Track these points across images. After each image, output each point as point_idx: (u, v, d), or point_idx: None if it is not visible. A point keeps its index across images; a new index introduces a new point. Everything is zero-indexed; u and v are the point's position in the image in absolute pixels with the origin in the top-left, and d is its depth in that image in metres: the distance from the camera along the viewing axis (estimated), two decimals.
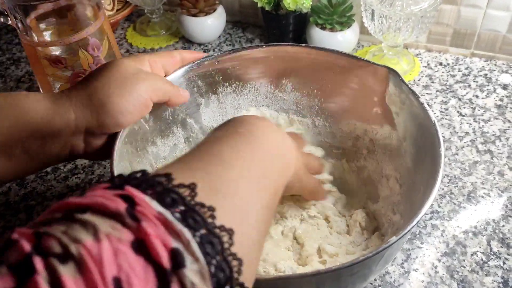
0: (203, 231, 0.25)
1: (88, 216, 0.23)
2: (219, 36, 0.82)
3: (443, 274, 0.50)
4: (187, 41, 0.82)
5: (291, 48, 0.53)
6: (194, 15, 0.78)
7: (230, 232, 0.26)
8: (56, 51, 0.61)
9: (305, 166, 0.46)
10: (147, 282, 0.22)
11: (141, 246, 0.23)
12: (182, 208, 0.25)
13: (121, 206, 0.24)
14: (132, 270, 0.22)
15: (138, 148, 0.49)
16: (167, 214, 0.24)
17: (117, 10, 0.83)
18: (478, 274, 0.50)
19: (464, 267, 0.50)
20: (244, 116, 0.40)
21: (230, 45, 0.81)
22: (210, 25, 0.79)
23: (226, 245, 0.26)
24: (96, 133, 0.42)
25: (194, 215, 0.25)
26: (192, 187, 0.27)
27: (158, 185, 0.26)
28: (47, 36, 0.63)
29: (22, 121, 0.40)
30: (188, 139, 0.56)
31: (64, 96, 0.42)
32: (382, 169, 0.52)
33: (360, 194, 0.54)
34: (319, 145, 0.57)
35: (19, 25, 0.60)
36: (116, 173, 0.41)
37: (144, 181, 0.26)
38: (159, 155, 0.52)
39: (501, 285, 0.49)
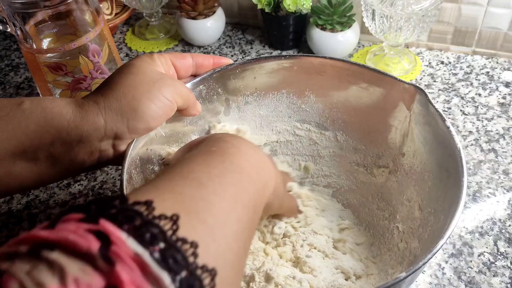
0: (184, 274, 0.23)
1: (56, 255, 0.21)
2: (219, 38, 0.82)
3: (451, 275, 0.50)
4: (186, 44, 0.81)
5: (316, 59, 0.51)
6: (193, 18, 0.77)
7: (213, 272, 0.25)
8: (56, 57, 0.61)
9: (283, 183, 0.45)
10: None
11: None
12: (162, 245, 0.23)
13: (94, 245, 0.22)
14: None
15: (153, 155, 0.48)
16: (145, 255, 0.22)
17: (116, 14, 0.82)
18: (485, 274, 0.50)
19: (471, 268, 0.50)
20: (218, 134, 0.39)
21: (230, 47, 0.80)
22: (209, 27, 0.78)
23: None
24: (126, 137, 0.42)
25: (176, 254, 0.23)
26: (174, 218, 0.25)
27: (137, 217, 0.24)
28: (46, 42, 0.62)
29: (48, 125, 0.39)
30: None
31: (91, 101, 0.41)
32: (404, 191, 0.49)
33: (379, 214, 0.52)
34: (340, 160, 0.56)
35: (18, 32, 0.59)
36: (125, 178, 0.41)
37: (122, 211, 0.24)
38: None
39: (509, 285, 0.49)
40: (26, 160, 0.40)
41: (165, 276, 0.22)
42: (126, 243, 0.22)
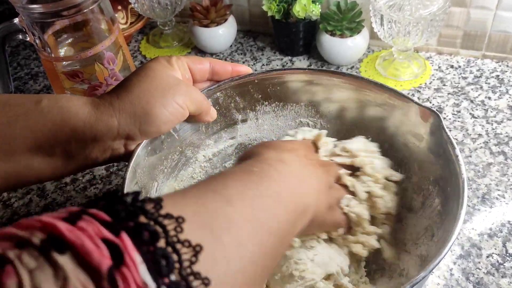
0: None
1: (65, 261, 0.21)
2: (231, 46, 0.83)
3: (459, 276, 0.50)
4: (199, 51, 0.83)
5: (334, 75, 0.51)
6: (206, 26, 0.79)
7: None
8: (73, 65, 0.63)
9: (329, 204, 0.44)
10: None
11: None
12: (173, 278, 0.23)
13: (105, 263, 0.21)
14: None
15: (163, 157, 0.49)
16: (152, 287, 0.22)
17: (131, 23, 0.84)
18: (494, 276, 0.50)
19: (479, 269, 0.50)
20: (262, 151, 0.39)
21: (241, 53, 0.82)
22: (221, 35, 0.80)
23: None
24: (137, 139, 0.44)
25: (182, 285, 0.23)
26: (197, 249, 0.25)
27: (160, 237, 0.24)
28: (64, 51, 0.64)
29: (64, 124, 0.41)
30: (220, 152, 0.56)
31: (107, 102, 0.42)
32: (414, 213, 0.49)
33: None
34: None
35: (37, 41, 0.62)
36: (128, 177, 0.42)
37: (148, 226, 0.24)
38: (186, 164, 0.53)
39: None
40: (43, 155, 0.41)
41: None
42: (138, 269, 0.22)
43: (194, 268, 0.24)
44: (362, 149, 0.49)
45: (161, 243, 0.24)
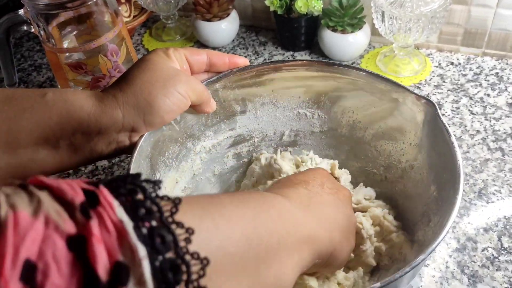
0: (169, 255, 0.23)
1: (41, 193, 0.22)
2: (233, 40, 0.84)
3: (454, 269, 0.51)
4: (201, 45, 0.84)
5: (331, 66, 0.52)
6: (208, 20, 0.80)
7: (204, 262, 0.24)
8: (76, 57, 0.64)
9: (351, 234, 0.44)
10: (70, 283, 0.20)
11: (79, 244, 0.21)
12: (155, 223, 0.23)
13: (78, 198, 0.22)
14: (55, 262, 0.20)
15: (164, 148, 0.50)
16: (128, 224, 0.22)
17: (134, 16, 0.85)
18: (488, 269, 0.51)
19: (474, 262, 0.51)
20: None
21: (243, 48, 0.83)
22: (224, 29, 0.81)
23: (194, 276, 0.24)
24: (142, 130, 0.44)
25: (165, 234, 0.23)
26: (176, 201, 0.25)
27: (139, 192, 0.24)
28: (67, 42, 0.65)
29: (70, 117, 0.41)
30: (219, 143, 0.57)
31: (110, 95, 0.43)
32: (411, 202, 0.50)
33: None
34: (353, 166, 0.56)
35: (42, 32, 0.63)
36: (132, 168, 0.43)
37: (127, 184, 0.24)
38: (186, 156, 0.54)
39: (511, 279, 0.49)
40: (48, 148, 0.42)
41: (140, 248, 0.22)
42: (115, 209, 0.22)
43: (176, 218, 0.24)
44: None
45: (139, 196, 0.24)
